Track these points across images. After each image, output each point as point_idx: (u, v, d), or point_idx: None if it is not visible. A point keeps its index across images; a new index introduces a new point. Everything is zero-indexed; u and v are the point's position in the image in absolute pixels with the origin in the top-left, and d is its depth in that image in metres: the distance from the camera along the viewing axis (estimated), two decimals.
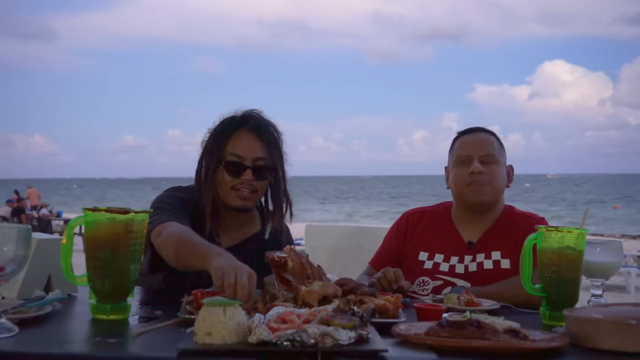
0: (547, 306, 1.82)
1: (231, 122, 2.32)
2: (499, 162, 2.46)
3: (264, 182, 2.31)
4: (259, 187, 2.30)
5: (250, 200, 2.30)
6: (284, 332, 1.29)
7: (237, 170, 2.26)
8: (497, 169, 2.45)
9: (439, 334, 1.43)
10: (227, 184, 2.28)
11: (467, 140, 2.50)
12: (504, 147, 2.56)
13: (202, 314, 1.35)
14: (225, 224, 2.38)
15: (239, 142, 2.28)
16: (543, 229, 1.84)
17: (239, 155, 2.27)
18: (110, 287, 1.64)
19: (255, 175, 2.27)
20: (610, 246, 1.94)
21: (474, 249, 2.46)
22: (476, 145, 2.46)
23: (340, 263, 2.89)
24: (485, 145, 2.46)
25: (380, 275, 2.19)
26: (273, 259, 1.85)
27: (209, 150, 2.32)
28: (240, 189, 2.27)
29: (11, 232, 1.48)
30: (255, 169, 2.27)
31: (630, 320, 1.40)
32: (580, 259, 1.81)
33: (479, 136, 2.50)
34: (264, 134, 2.30)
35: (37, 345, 1.40)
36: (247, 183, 2.26)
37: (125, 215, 1.65)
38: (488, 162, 2.43)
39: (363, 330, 1.36)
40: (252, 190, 2.28)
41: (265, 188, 2.35)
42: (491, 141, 2.48)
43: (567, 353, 1.42)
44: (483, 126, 2.56)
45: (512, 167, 2.56)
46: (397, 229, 2.64)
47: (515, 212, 2.56)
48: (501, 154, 2.50)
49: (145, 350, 1.38)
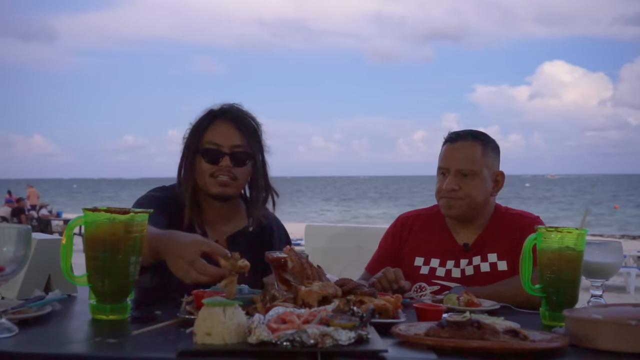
0: (546, 306, 1.82)
1: (209, 114, 2.35)
2: (479, 175, 2.41)
3: (244, 169, 2.31)
4: (238, 174, 2.30)
5: (231, 187, 2.29)
6: (284, 332, 1.29)
7: (215, 158, 2.28)
8: (474, 184, 2.40)
9: (438, 334, 1.43)
10: (205, 172, 2.29)
11: (448, 150, 2.46)
12: (498, 149, 2.51)
13: (202, 314, 1.35)
14: (212, 218, 2.37)
15: (216, 131, 2.31)
16: (543, 230, 1.84)
17: (216, 143, 2.29)
18: (110, 287, 1.64)
19: (233, 161, 2.28)
20: (610, 247, 1.94)
21: (470, 252, 2.45)
22: (455, 158, 2.42)
23: (340, 263, 2.89)
24: (465, 157, 2.41)
25: (380, 275, 2.19)
26: (273, 259, 1.85)
27: (188, 143, 2.35)
28: (219, 175, 2.27)
29: (11, 232, 1.48)
30: (233, 155, 2.28)
31: (630, 321, 1.40)
32: (580, 259, 1.81)
33: (461, 147, 2.43)
34: (241, 123, 2.33)
35: (37, 345, 1.40)
36: (225, 169, 2.27)
37: (125, 215, 1.65)
38: (466, 176, 2.40)
39: (363, 330, 1.36)
40: (231, 177, 2.28)
41: (246, 176, 2.35)
42: (473, 152, 2.42)
43: (567, 353, 1.42)
44: (477, 128, 2.52)
45: (503, 174, 2.51)
46: (392, 233, 2.63)
47: (510, 212, 2.54)
48: (485, 163, 2.43)
49: (145, 351, 1.38)
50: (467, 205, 2.42)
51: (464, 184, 2.40)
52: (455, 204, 2.41)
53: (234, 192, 2.33)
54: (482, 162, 2.42)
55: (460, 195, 2.40)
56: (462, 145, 2.44)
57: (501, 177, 2.50)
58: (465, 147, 2.43)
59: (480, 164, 2.42)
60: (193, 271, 1.73)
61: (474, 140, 2.45)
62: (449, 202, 2.42)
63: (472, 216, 2.46)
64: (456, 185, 2.40)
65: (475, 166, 2.40)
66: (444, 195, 2.43)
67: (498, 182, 2.49)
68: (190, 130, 2.36)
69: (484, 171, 2.43)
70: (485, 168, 2.44)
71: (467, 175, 2.40)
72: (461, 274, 2.42)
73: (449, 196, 2.41)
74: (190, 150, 2.33)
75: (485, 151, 2.45)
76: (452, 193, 2.40)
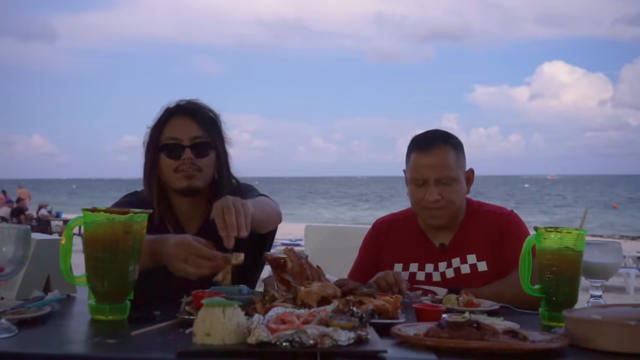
0: (546, 307, 1.82)
1: (166, 111, 2.35)
2: (456, 179, 2.37)
3: (207, 160, 2.30)
4: (202, 164, 2.28)
5: (196, 179, 2.27)
6: (283, 332, 1.29)
7: (176, 152, 2.27)
8: (453, 190, 2.37)
9: (438, 334, 1.43)
10: (169, 168, 2.28)
11: (422, 161, 2.37)
12: (462, 145, 2.45)
13: (202, 315, 1.35)
14: (186, 212, 2.37)
15: (174, 127, 2.30)
16: (542, 230, 1.84)
17: (175, 137, 2.28)
18: (109, 288, 1.64)
19: (195, 153, 2.27)
20: (609, 247, 1.94)
21: (448, 252, 2.43)
22: (432, 168, 2.35)
23: (340, 264, 2.88)
24: (442, 166, 2.35)
25: (380, 276, 2.18)
26: (272, 260, 1.85)
27: (147, 143, 2.34)
28: (183, 169, 2.26)
29: (10, 232, 1.48)
30: (193, 147, 2.27)
31: (629, 321, 1.40)
32: (579, 259, 1.81)
33: (435, 154, 2.36)
34: (198, 115, 2.33)
35: (36, 345, 1.40)
36: (188, 162, 2.26)
37: (124, 215, 1.65)
38: (446, 184, 2.36)
39: (362, 331, 1.36)
40: (195, 169, 2.27)
41: (211, 166, 2.32)
42: (448, 158, 2.36)
43: (567, 354, 1.42)
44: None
45: (472, 171, 2.47)
46: (370, 239, 2.61)
47: (482, 208, 2.51)
48: (459, 166, 2.40)
49: (145, 351, 1.37)
50: (450, 212, 2.40)
51: (444, 193, 2.35)
52: (440, 214, 2.38)
53: (201, 184, 2.30)
54: (457, 166, 2.39)
55: (443, 204, 2.36)
56: (436, 153, 2.37)
57: (471, 174, 2.47)
58: (439, 154, 2.36)
59: (456, 168, 2.38)
60: (190, 267, 1.82)
61: (444, 145, 2.39)
62: (433, 212, 2.38)
63: (453, 219, 2.44)
64: (438, 195, 2.35)
65: (452, 173, 2.36)
66: (426, 206, 2.37)
67: (470, 180, 2.47)
68: (150, 130, 2.35)
69: (460, 174, 2.40)
70: (460, 171, 2.41)
71: (445, 184, 2.36)
72: (441, 277, 2.39)
73: (433, 207, 2.37)
74: (150, 149, 2.32)
75: (457, 153, 2.40)
76: (435, 203, 2.36)
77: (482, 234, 2.42)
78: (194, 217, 2.38)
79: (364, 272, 2.45)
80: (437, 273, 2.41)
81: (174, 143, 2.27)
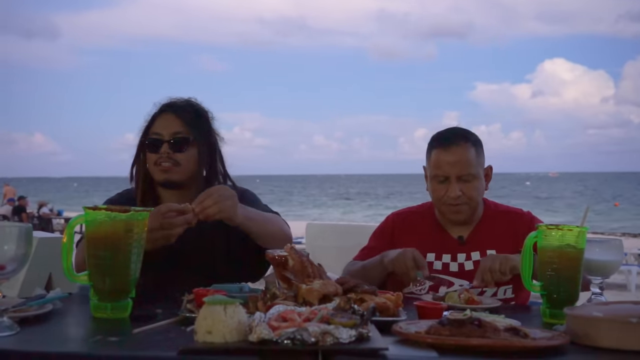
0: (547, 304, 1.82)
1: (153, 110, 2.42)
2: (477, 176, 2.41)
3: (185, 155, 2.35)
4: (179, 159, 2.34)
5: (173, 172, 2.34)
6: (285, 330, 1.29)
7: (156, 146, 2.35)
8: (474, 186, 2.40)
9: (439, 332, 1.43)
10: (150, 162, 2.37)
11: (443, 158, 2.40)
12: (481, 142, 2.49)
13: (203, 313, 1.35)
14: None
15: (158, 123, 2.39)
16: (543, 227, 1.84)
17: (157, 132, 2.37)
18: (111, 286, 1.64)
19: (173, 147, 2.34)
20: (610, 244, 1.93)
21: (466, 245, 2.45)
22: (454, 165, 2.38)
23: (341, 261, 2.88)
24: (463, 163, 2.38)
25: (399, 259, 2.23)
26: (273, 258, 1.85)
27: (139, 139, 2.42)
28: (160, 162, 2.34)
29: (12, 230, 1.48)
30: (172, 142, 2.34)
31: (630, 319, 1.40)
32: (580, 257, 1.81)
33: (455, 151, 2.39)
34: (182, 112, 2.39)
35: (37, 343, 1.40)
36: (165, 156, 2.33)
37: (125, 213, 1.65)
38: (467, 181, 2.39)
39: (364, 328, 1.36)
40: (173, 163, 2.33)
41: (191, 161, 2.37)
42: (468, 155, 2.40)
43: (568, 351, 1.42)
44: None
45: (491, 167, 2.50)
46: (382, 230, 2.62)
47: (500, 208, 2.55)
48: (479, 162, 2.43)
49: (146, 349, 1.38)
50: (470, 209, 2.43)
51: (465, 189, 2.39)
52: (462, 209, 2.41)
53: (178, 178, 2.35)
54: (477, 163, 2.42)
55: (464, 200, 2.40)
56: (456, 150, 2.40)
57: (490, 171, 2.51)
58: (460, 151, 2.40)
59: (476, 165, 2.41)
60: (164, 232, 1.98)
61: (466, 142, 2.42)
62: (456, 208, 2.41)
63: (472, 215, 2.47)
64: (459, 191, 2.39)
65: (473, 169, 2.40)
66: (448, 202, 2.41)
67: (488, 176, 2.50)
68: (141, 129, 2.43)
69: (480, 171, 2.43)
70: (480, 167, 2.44)
71: (467, 181, 2.39)
72: (459, 268, 2.41)
73: (455, 203, 2.40)
74: (138, 146, 2.41)
75: (477, 150, 2.44)
76: (457, 200, 2.40)
77: (503, 231, 2.44)
78: None
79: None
80: (455, 264, 2.43)
81: (156, 138, 2.36)
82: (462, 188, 2.39)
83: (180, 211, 2.01)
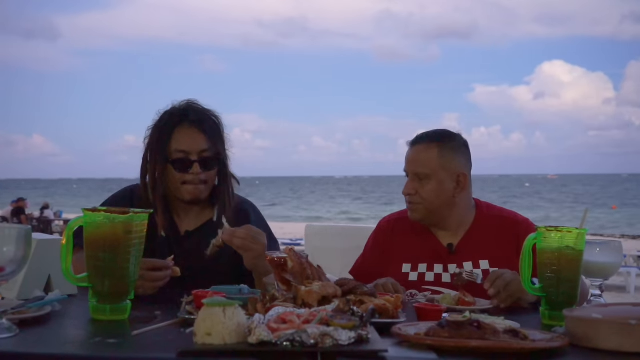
0: (546, 306, 1.82)
1: (171, 118, 2.37)
2: (434, 178, 2.38)
3: (213, 172, 2.37)
4: (208, 177, 2.35)
5: (202, 191, 2.35)
6: (284, 332, 1.29)
7: (184, 166, 2.32)
8: (429, 187, 2.38)
9: (438, 334, 1.43)
10: (177, 181, 2.34)
11: (408, 153, 2.46)
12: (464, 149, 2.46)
13: (202, 315, 1.35)
14: (183, 210, 2.44)
15: (182, 139, 2.33)
16: (543, 229, 1.84)
17: (184, 150, 2.32)
18: (110, 288, 1.64)
19: (203, 167, 2.33)
20: (609, 246, 1.94)
21: (457, 255, 2.41)
22: (410, 162, 2.43)
23: (340, 263, 2.88)
24: (420, 161, 2.40)
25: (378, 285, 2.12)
26: (273, 260, 1.85)
27: (153, 148, 2.37)
28: (190, 182, 2.32)
29: (11, 232, 1.48)
30: (201, 161, 2.33)
31: (630, 320, 1.40)
32: (580, 259, 1.81)
33: (417, 149, 2.43)
34: (204, 124, 2.36)
35: (37, 345, 1.40)
36: (196, 177, 2.32)
37: (124, 215, 1.65)
38: (421, 180, 2.40)
39: (363, 330, 1.36)
40: (201, 182, 2.34)
41: (215, 177, 2.40)
42: (428, 154, 2.39)
43: (567, 353, 1.42)
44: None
45: (465, 174, 2.44)
46: (375, 238, 2.61)
47: (493, 212, 2.50)
48: (443, 165, 2.39)
49: (145, 351, 1.38)
50: (425, 209, 2.41)
51: (420, 188, 2.40)
52: (414, 208, 2.42)
53: (205, 195, 2.38)
54: (438, 164, 2.39)
55: (417, 199, 2.40)
56: (418, 148, 2.43)
57: (463, 178, 2.44)
58: (421, 150, 2.42)
59: (436, 166, 2.39)
60: (147, 283, 1.95)
61: (430, 142, 2.42)
62: (409, 206, 2.45)
63: (438, 219, 2.43)
64: (413, 189, 2.40)
65: (429, 169, 2.39)
66: (405, 198, 2.45)
67: (460, 183, 2.43)
68: (152, 134, 2.38)
69: (440, 173, 2.39)
70: (443, 170, 2.40)
71: (422, 179, 2.40)
72: (451, 278, 2.34)
73: (408, 200, 2.43)
74: (158, 158, 2.35)
75: (442, 152, 2.40)
76: (410, 197, 2.42)
77: (496, 239, 2.41)
78: (189, 218, 2.43)
79: (364, 272, 2.44)
80: (447, 274, 2.39)
81: (183, 157, 2.32)
82: (417, 187, 2.40)
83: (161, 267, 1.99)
